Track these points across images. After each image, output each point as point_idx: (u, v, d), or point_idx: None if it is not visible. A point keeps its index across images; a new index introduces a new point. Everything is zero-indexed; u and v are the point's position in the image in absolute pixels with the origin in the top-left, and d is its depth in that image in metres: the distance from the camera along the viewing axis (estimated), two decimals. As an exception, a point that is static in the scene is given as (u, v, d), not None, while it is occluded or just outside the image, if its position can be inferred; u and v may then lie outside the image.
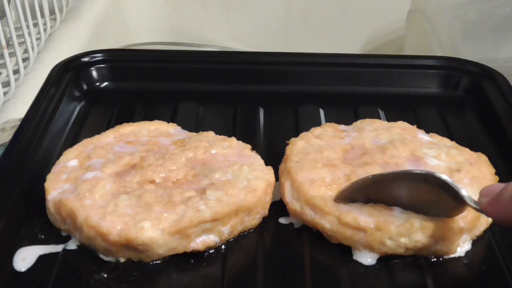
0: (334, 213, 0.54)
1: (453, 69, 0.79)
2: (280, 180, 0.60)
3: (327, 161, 0.60)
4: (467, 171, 0.58)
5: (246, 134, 0.67)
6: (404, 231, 0.52)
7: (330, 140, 0.63)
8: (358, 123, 0.67)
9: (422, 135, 0.64)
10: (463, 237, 0.54)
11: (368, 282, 0.52)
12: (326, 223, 0.54)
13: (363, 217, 0.53)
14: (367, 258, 0.53)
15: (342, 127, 0.66)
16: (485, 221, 0.55)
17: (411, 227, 0.52)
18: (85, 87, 0.78)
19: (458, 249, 0.54)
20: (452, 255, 0.54)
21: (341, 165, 0.59)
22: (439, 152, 0.61)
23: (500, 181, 0.58)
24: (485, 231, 0.56)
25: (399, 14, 1.18)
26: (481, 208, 0.48)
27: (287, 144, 0.63)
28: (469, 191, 0.52)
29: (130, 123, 0.66)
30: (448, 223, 0.52)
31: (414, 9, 1.11)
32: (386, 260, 0.53)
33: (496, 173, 0.59)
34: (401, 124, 0.66)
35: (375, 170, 0.58)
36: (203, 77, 0.80)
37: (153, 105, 0.75)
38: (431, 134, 0.65)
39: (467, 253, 0.54)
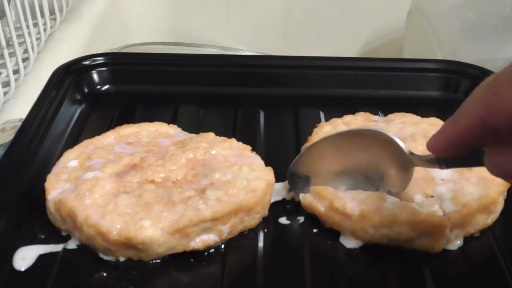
0: (328, 198, 0.56)
1: (453, 72, 0.80)
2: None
3: None
4: (478, 171, 0.58)
5: (246, 136, 0.67)
6: (387, 222, 0.53)
7: (356, 127, 0.64)
8: (392, 115, 0.68)
9: None
10: (454, 232, 0.54)
11: (368, 283, 0.52)
12: (321, 207, 0.56)
13: (353, 204, 0.54)
14: (350, 244, 0.55)
15: (375, 117, 0.68)
16: (481, 221, 0.56)
17: (395, 219, 0.53)
18: (86, 90, 0.78)
19: (450, 245, 0.54)
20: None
21: None
22: None
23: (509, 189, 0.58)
24: (484, 231, 0.56)
25: (399, 14, 1.18)
26: (428, 148, 0.47)
27: (303, 143, 0.65)
28: (473, 189, 0.54)
29: (131, 124, 0.67)
30: (433, 218, 0.53)
31: (414, 9, 1.11)
32: (387, 260, 0.53)
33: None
34: (432, 120, 0.67)
35: None
36: (204, 80, 0.80)
37: (153, 108, 0.75)
38: None
39: (460, 248, 0.55)
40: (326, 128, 0.65)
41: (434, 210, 0.54)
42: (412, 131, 0.64)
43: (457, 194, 0.56)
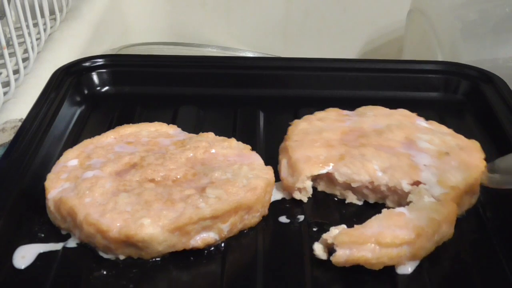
0: (368, 238, 0.52)
1: (452, 73, 0.80)
2: (279, 157, 0.63)
3: (325, 141, 0.62)
4: (456, 155, 0.60)
5: (245, 137, 0.67)
6: (435, 228, 0.53)
7: (331, 123, 0.66)
8: (361, 109, 0.69)
9: (420, 121, 0.67)
10: None
11: (369, 279, 0.52)
12: (368, 253, 0.52)
13: (402, 230, 0.52)
14: (409, 269, 0.52)
15: (345, 112, 0.69)
16: (467, 201, 0.58)
17: (438, 223, 0.53)
18: (85, 91, 0.78)
19: None
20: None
21: (337, 146, 0.62)
22: (432, 137, 0.63)
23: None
24: (470, 211, 0.58)
25: (399, 14, 1.18)
26: None
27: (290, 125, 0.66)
28: (456, 172, 0.56)
29: (130, 124, 0.67)
30: (452, 207, 0.55)
31: (414, 9, 1.11)
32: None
33: (487, 161, 0.61)
34: (402, 111, 0.68)
35: (369, 151, 0.60)
36: (203, 81, 0.80)
37: (153, 109, 0.75)
38: (430, 121, 0.67)
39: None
40: (302, 125, 0.66)
41: (430, 200, 0.56)
42: (386, 123, 0.66)
43: (442, 178, 0.57)
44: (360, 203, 0.60)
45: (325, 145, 0.62)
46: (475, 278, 0.52)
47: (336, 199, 0.61)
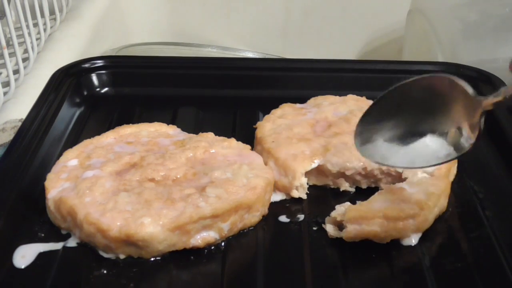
0: (376, 213, 0.54)
1: (452, 73, 0.79)
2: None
3: (300, 136, 0.63)
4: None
5: (245, 137, 0.67)
6: (435, 201, 0.55)
7: (293, 118, 0.67)
8: (313, 100, 0.71)
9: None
10: None
11: (370, 279, 0.52)
12: (377, 228, 0.54)
13: (409, 203, 0.55)
14: (413, 240, 0.55)
15: (299, 105, 0.70)
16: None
17: (438, 196, 0.56)
18: (85, 92, 0.78)
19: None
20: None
21: (314, 138, 0.63)
22: None
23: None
24: None
25: (399, 14, 1.18)
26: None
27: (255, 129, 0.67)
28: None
29: (130, 124, 0.67)
30: (447, 180, 0.58)
31: (414, 9, 1.11)
32: (388, 257, 0.53)
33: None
34: (352, 97, 0.71)
35: (347, 138, 0.62)
36: (203, 82, 0.80)
37: (152, 110, 0.75)
38: None
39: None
40: (267, 126, 0.66)
41: (423, 176, 0.58)
42: (347, 109, 0.68)
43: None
44: (352, 189, 0.62)
45: (303, 140, 0.63)
46: (475, 278, 0.52)
47: (330, 188, 0.62)
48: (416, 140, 0.53)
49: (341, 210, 0.55)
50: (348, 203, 0.56)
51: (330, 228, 0.55)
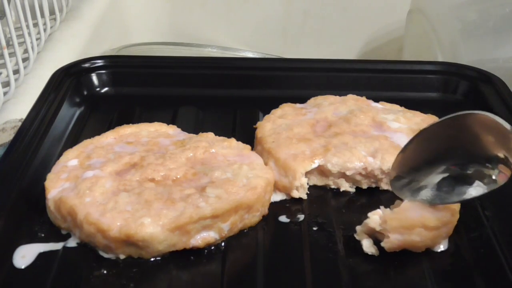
0: (415, 222, 0.53)
1: (451, 73, 0.80)
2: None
3: (300, 136, 0.63)
4: None
5: (245, 137, 0.67)
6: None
7: (294, 118, 0.67)
8: (313, 100, 0.71)
9: (374, 103, 0.70)
10: None
11: (370, 279, 0.52)
12: (417, 237, 0.53)
13: (436, 213, 0.53)
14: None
15: (299, 105, 0.70)
16: None
17: (454, 209, 0.54)
18: (85, 92, 0.78)
19: None
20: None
21: (314, 138, 0.63)
22: (396, 116, 0.66)
23: None
24: None
25: (399, 14, 1.18)
26: None
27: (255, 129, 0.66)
28: None
29: (130, 124, 0.67)
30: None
31: (414, 9, 1.11)
32: (388, 257, 0.53)
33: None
34: (353, 97, 0.71)
35: (348, 139, 0.62)
36: (203, 82, 0.80)
37: (152, 110, 0.75)
38: (380, 102, 0.70)
39: None
40: (267, 126, 0.66)
41: None
42: (347, 109, 0.68)
43: None
44: (353, 190, 0.62)
45: (303, 140, 0.63)
46: (475, 278, 0.52)
47: (330, 188, 0.62)
48: (462, 185, 0.53)
49: (375, 218, 0.53)
50: (379, 211, 0.54)
51: (368, 247, 0.53)
